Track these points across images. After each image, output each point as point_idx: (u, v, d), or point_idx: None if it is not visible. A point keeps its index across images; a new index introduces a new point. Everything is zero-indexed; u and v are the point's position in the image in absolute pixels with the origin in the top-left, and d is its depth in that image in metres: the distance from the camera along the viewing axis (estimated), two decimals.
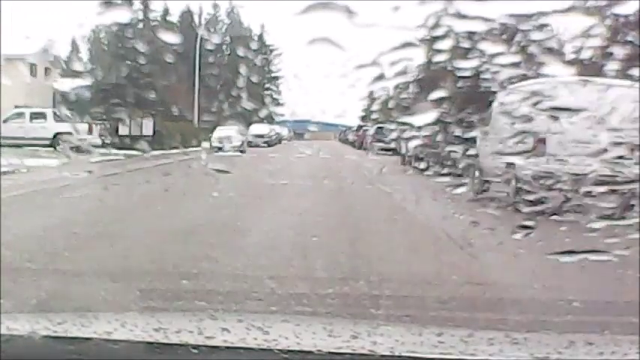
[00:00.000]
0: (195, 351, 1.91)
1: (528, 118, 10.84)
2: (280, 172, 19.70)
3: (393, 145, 25.00)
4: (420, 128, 15.32)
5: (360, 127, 39.04)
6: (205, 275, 5.70)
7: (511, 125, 11.55)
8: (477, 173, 13.13)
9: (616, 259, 4.55)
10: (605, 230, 5.68)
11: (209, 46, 43.57)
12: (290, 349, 1.92)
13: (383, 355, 1.90)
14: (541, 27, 16.47)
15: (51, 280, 5.41)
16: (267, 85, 52.73)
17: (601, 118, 10.11)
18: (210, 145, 30.49)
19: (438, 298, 4.90)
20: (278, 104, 53.91)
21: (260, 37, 53.86)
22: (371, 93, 36.99)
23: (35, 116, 28.99)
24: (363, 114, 43.79)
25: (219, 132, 31.52)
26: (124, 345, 1.97)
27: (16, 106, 28.84)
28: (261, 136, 36.62)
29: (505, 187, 11.37)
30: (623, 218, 7.02)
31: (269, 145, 35.81)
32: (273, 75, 55.21)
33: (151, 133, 30.62)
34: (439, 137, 16.34)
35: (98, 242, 7.43)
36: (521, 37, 17.24)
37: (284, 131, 45.77)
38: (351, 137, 41.22)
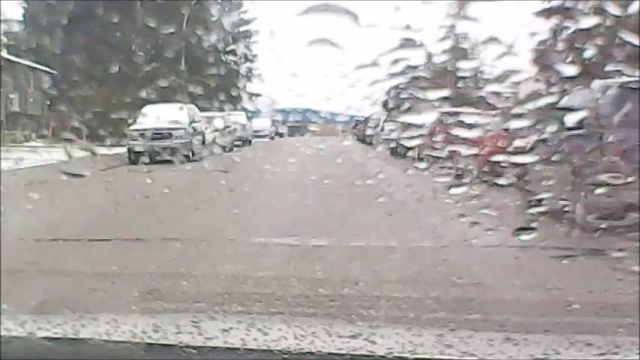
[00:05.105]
0: (195, 352, 1.91)
1: None
2: None
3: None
4: None
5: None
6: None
7: None
8: None
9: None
10: None
11: None
12: (290, 350, 1.92)
13: (382, 356, 1.90)
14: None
15: None
16: (230, 47, 31.00)
17: None
18: None
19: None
20: (251, 78, 31.67)
21: None
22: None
23: None
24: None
25: None
26: (123, 345, 1.97)
27: None
28: (160, 135, 18.74)
29: None
30: None
31: (190, 159, 18.09)
32: (241, 30, 32.75)
33: None
34: None
35: None
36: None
37: (263, 123, 28.86)
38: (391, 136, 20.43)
